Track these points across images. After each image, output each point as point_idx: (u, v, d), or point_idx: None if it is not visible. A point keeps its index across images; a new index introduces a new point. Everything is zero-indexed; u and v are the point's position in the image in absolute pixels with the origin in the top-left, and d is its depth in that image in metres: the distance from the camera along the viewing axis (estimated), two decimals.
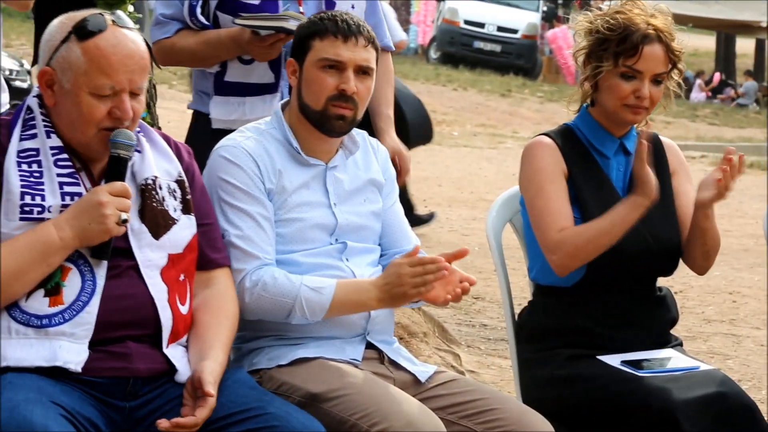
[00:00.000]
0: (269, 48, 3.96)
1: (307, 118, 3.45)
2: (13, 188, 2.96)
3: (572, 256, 3.60)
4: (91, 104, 3.01)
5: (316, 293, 3.31)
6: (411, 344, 5.77)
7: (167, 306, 3.09)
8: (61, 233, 2.96)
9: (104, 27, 3.02)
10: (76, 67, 3.00)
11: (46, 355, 2.94)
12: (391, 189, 3.64)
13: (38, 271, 2.96)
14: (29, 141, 3.03)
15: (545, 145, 3.71)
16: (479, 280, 8.52)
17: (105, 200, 2.98)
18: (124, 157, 3.05)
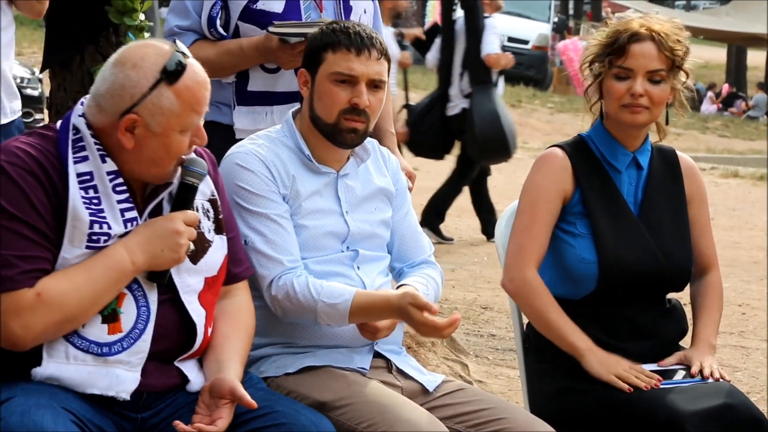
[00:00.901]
0: (297, 55, 3.96)
1: (318, 130, 3.45)
2: (81, 216, 2.92)
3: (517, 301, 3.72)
4: (180, 141, 3.00)
5: (332, 309, 3.32)
6: (419, 353, 5.77)
7: (203, 331, 3.09)
8: (133, 257, 2.96)
9: (185, 66, 2.98)
10: (168, 111, 2.96)
11: (100, 383, 2.93)
12: (402, 199, 3.64)
13: (110, 297, 2.96)
14: (81, 164, 2.97)
15: (555, 159, 3.70)
16: (488, 289, 8.56)
17: (181, 229, 2.99)
18: (195, 185, 3.06)
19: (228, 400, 2.99)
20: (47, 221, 2.91)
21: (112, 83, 2.97)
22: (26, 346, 2.90)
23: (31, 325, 2.87)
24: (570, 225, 3.69)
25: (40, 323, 2.88)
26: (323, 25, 3.82)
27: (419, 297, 3.29)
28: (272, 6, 4.04)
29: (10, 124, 4.16)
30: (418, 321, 3.26)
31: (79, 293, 2.90)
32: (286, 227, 3.38)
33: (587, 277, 3.65)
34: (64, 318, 2.90)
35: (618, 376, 3.52)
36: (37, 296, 2.87)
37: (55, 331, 2.91)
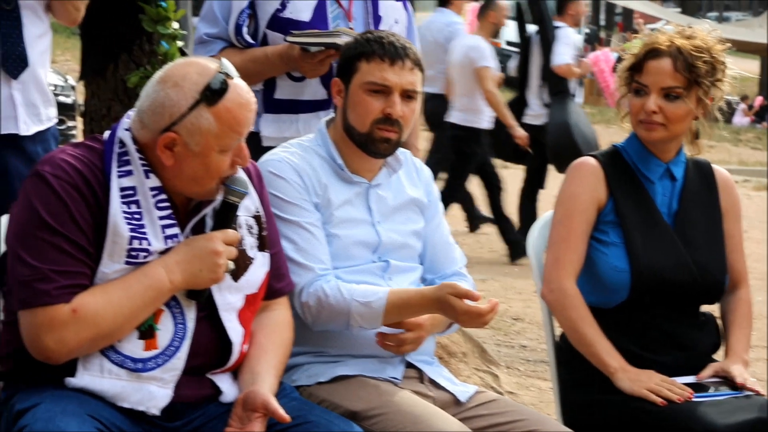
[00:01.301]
0: (319, 64, 3.97)
1: (351, 139, 3.45)
2: (121, 231, 2.92)
3: (554, 311, 3.69)
4: (220, 160, 2.99)
5: (366, 308, 3.31)
6: (450, 364, 5.76)
7: (239, 349, 3.09)
8: (171, 276, 2.96)
9: (227, 87, 2.98)
10: (206, 132, 2.96)
11: (132, 398, 2.94)
12: (435, 210, 3.64)
13: (147, 314, 2.96)
14: (125, 178, 2.98)
15: (589, 168, 3.70)
16: (519, 300, 8.55)
17: (221, 249, 2.99)
18: (236, 204, 3.06)
19: (260, 413, 2.98)
20: (87, 236, 2.91)
21: (153, 100, 2.98)
22: (59, 360, 2.91)
23: (66, 340, 2.87)
24: (603, 234, 3.68)
25: (75, 339, 2.88)
26: (343, 34, 3.84)
27: (458, 285, 3.28)
28: (300, 15, 4.05)
29: (46, 131, 4.19)
30: (460, 309, 3.24)
31: (114, 310, 2.90)
32: (317, 235, 3.38)
33: (620, 285, 3.64)
34: (98, 334, 2.90)
35: (650, 390, 3.50)
36: (73, 312, 2.87)
37: (89, 346, 2.91)
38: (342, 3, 4.12)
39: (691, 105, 3.64)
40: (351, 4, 4.13)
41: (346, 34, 3.86)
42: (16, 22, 3.99)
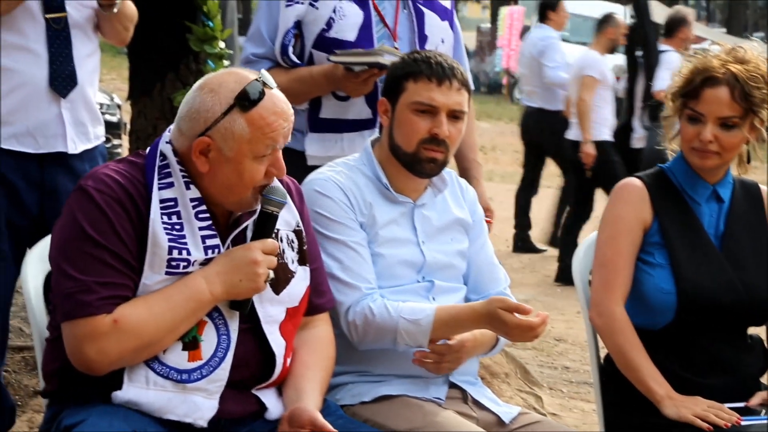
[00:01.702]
0: (362, 83, 3.98)
1: (397, 159, 3.46)
2: (160, 242, 2.94)
3: (602, 336, 3.66)
4: (253, 169, 3.01)
5: (414, 325, 3.31)
6: (493, 385, 5.75)
7: (282, 362, 3.10)
8: (211, 287, 2.97)
9: (263, 94, 3.01)
10: (239, 137, 2.98)
11: (179, 410, 2.95)
12: (479, 230, 3.64)
13: (189, 325, 2.98)
14: (167, 190, 3.01)
15: (633, 190, 3.68)
16: (562, 321, 8.51)
17: (260, 259, 3.00)
18: (275, 213, 3.08)
19: (308, 429, 2.98)
20: (130, 249, 2.93)
21: (191, 107, 3.01)
22: (102, 371, 2.92)
23: (107, 350, 2.89)
24: (648, 255, 3.66)
25: (116, 350, 2.90)
26: (386, 52, 3.85)
27: (508, 300, 3.28)
28: (345, 35, 4.07)
29: (94, 149, 4.23)
30: (510, 323, 3.24)
31: (156, 321, 2.92)
32: (363, 254, 3.39)
33: (666, 307, 3.62)
34: (140, 345, 2.92)
35: (697, 416, 3.47)
36: (114, 323, 2.89)
37: (131, 357, 2.93)
38: (387, 23, 4.13)
39: (746, 132, 3.62)
40: (396, 24, 4.15)
41: (389, 53, 3.88)
42: (65, 42, 4.03)
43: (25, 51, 3.97)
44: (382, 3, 4.14)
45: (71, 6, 4.03)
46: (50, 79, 3.99)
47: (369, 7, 4.10)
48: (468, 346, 3.39)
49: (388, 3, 4.15)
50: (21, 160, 3.96)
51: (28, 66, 3.97)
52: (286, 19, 4.08)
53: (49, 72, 3.99)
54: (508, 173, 19.29)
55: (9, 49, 3.96)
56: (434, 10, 4.21)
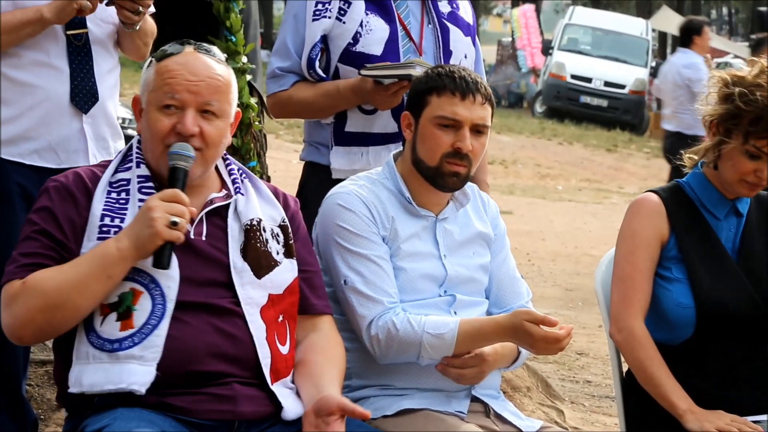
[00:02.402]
0: (392, 96, 4.00)
1: (420, 173, 3.47)
2: (94, 210, 3.08)
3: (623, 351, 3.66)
4: (157, 119, 3.11)
5: (438, 339, 3.32)
6: (514, 398, 5.74)
7: (265, 344, 3.12)
8: (118, 244, 3.02)
9: (180, 50, 3.15)
10: (147, 85, 3.16)
11: (114, 378, 2.98)
12: (501, 244, 3.64)
13: (100, 284, 3.01)
14: (124, 173, 3.16)
15: (650, 204, 3.68)
16: (583, 335, 8.48)
17: (154, 205, 3.03)
18: (180, 167, 3.10)
19: (338, 415, 3.00)
20: (62, 227, 3.05)
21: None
22: (21, 336, 3.02)
23: (17, 313, 2.99)
24: (666, 270, 3.65)
25: (24, 310, 2.98)
26: (417, 64, 3.86)
27: (534, 312, 3.29)
28: (371, 49, 4.09)
29: None
30: (537, 335, 3.24)
31: (60, 279, 2.99)
32: (385, 268, 3.40)
33: (685, 321, 3.61)
34: (46, 304, 2.98)
35: (720, 430, 3.46)
36: (23, 284, 2.99)
37: (42, 318, 2.99)
38: (413, 37, 4.15)
39: None
40: (422, 38, 4.16)
41: (421, 65, 3.89)
42: (86, 58, 4.06)
43: (47, 67, 4.00)
44: (408, 18, 4.16)
45: (92, 22, 4.06)
46: (72, 94, 4.02)
47: (395, 21, 4.13)
48: (489, 360, 3.39)
49: (414, 18, 4.17)
50: (43, 175, 3.98)
51: (50, 82, 4.00)
52: (313, 33, 4.11)
53: (71, 88, 4.02)
54: (529, 187, 19.30)
55: (31, 65, 3.99)
56: (458, 26, 4.23)
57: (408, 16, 4.17)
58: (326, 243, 3.44)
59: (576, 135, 26.32)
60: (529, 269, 11.24)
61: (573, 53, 30.35)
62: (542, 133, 25.89)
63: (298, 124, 20.46)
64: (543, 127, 26.85)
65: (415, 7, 4.19)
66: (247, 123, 5.41)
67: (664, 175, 11.30)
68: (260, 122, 5.67)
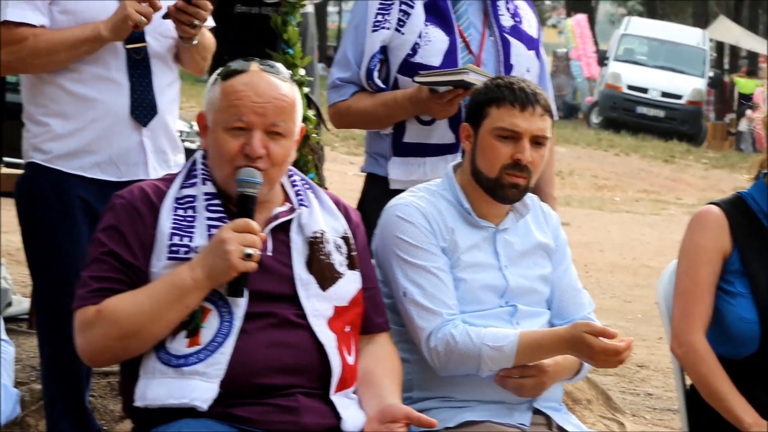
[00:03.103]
0: (448, 104, 4.01)
1: (479, 184, 3.46)
2: (163, 228, 3.07)
3: (684, 366, 3.62)
4: (225, 140, 3.11)
5: (498, 352, 3.30)
6: (575, 411, 5.70)
7: (336, 353, 3.12)
8: (193, 274, 3.03)
9: (246, 69, 3.13)
10: (214, 105, 3.14)
11: (176, 393, 3.00)
12: (562, 255, 3.62)
13: (175, 312, 3.03)
14: (189, 189, 3.15)
15: (712, 217, 3.63)
16: (643, 347, 8.43)
17: (227, 237, 3.03)
18: (249, 194, 3.10)
19: (402, 423, 3.02)
20: (131, 248, 3.06)
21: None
22: (94, 361, 3.07)
23: (93, 340, 3.01)
24: (728, 284, 3.61)
25: (101, 338, 3.00)
26: (471, 71, 3.86)
27: (594, 324, 3.27)
28: (430, 60, 4.09)
29: None
30: (597, 347, 3.22)
31: (135, 309, 3.00)
32: (444, 280, 3.39)
33: (749, 337, 3.57)
34: (122, 333, 3.00)
35: None
36: (97, 312, 3.01)
37: (119, 346, 3.02)
38: (472, 49, 4.15)
39: None
40: (482, 50, 4.16)
41: (475, 72, 3.89)
42: (146, 71, 4.08)
43: (107, 81, 4.03)
44: (468, 29, 4.16)
45: (151, 36, 4.08)
46: (131, 108, 4.04)
47: (455, 32, 4.13)
48: (549, 371, 3.37)
49: (474, 30, 4.17)
50: (103, 188, 4.01)
51: (110, 95, 4.03)
52: (372, 43, 4.13)
53: (131, 101, 4.05)
54: (586, 198, 19.23)
55: (92, 79, 4.02)
56: (521, 40, 4.22)
57: (468, 28, 4.17)
58: (385, 255, 3.43)
59: (633, 146, 26.19)
60: (587, 281, 11.18)
61: (629, 64, 30.23)
62: (598, 144, 25.78)
63: (353, 136, 20.52)
64: (599, 138, 26.74)
65: (476, 19, 4.19)
66: (304, 135, 5.43)
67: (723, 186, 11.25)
68: (318, 134, 5.69)
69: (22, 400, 4.41)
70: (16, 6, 3.97)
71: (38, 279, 4.17)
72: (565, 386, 3.54)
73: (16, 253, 8.01)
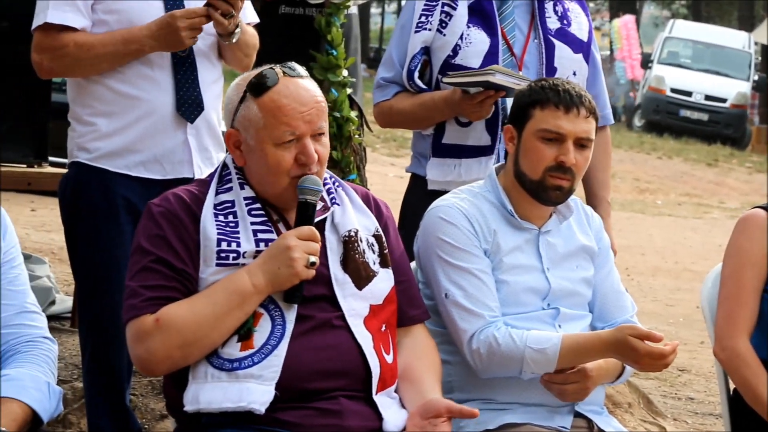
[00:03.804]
0: (479, 105, 4.01)
1: (522, 186, 3.45)
2: (209, 234, 3.05)
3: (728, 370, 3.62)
4: (277, 155, 3.09)
5: (541, 354, 3.29)
6: (616, 414, 5.67)
7: (374, 353, 3.12)
8: (254, 279, 3.03)
9: (276, 80, 3.10)
10: (255, 123, 3.08)
11: (233, 397, 3.00)
12: (605, 258, 3.60)
13: (235, 319, 3.03)
14: (225, 194, 3.13)
15: (758, 221, 3.62)
16: (685, 351, 8.39)
17: (293, 244, 3.04)
18: (311, 202, 3.11)
19: (445, 417, 3.03)
20: (179, 254, 3.05)
21: (224, 104, 3.16)
22: (156, 371, 3.04)
23: (153, 350, 2.99)
24: None
25: (161, 348, 2.99)
26: (497, 72, 3.85)
27: (638, 327, 3.26)
28: (470, 61, 4.09)
29: None
30: (642, 350, 3.21)
31: (196, 317, 3.00)
32: (486, 282, 3.38)
33: None
34: (183, 342, 2.99)
35: None
36: (156, 322, 2.99)
37: (180, 355, 3.01)
38: (515, 51, 4.14)
39: None
40: (524, 53, 4.15)
41: (501, 73, 3.89)
42: (191, 68, 4.09)
43: (150, 80, 4.04)
44: (513, 31, 4.15)
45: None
46: (177, 105, 4.05)
47: (497, 34, 4.12)
48: (592, 375, 3.35)
49: (519, 32, 4.17)
50: (148, 187, 4.03)
51: (155, 94, 4.04)
52: (414, 44, 4.15)
53: (176, 98, 4.05)
54: (628, 201, 19.12)
55: (136, 77, 4.04)
56: (567, 43, 4.21)
57: (513, 30, 4.16)
58: (427, 256, 3.43)
59: (675, 149, 26.04)
60: (629, 284, 11.13)
61: (673, 67, 30.04)
62: (641, 147, 25.64)
63: (394, 137, 20.52)
64: (642, 141, 26.60)
65: (522, 22, 4.18)
66: (347, 136, 5.44)
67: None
68: (360, 135, 5.70)
69: (65, 398, 4.42)
70: (57, 8, 3.98)
71: (81, 278, 4.20)
72: (606, 389, 3.53)
73: (59, 252, 8.08)
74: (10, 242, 3.22)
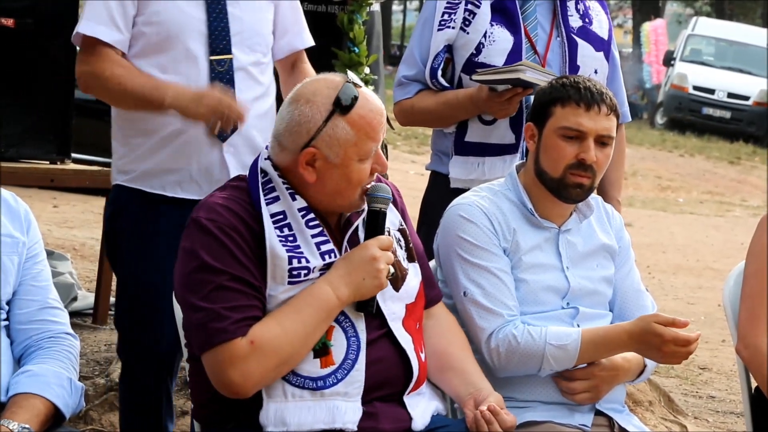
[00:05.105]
0: (506, 103, 4.00)
1: (543, 184, 3.45)
2: (279, 253, 2.99)
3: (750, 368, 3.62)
4: (360, 169, 3.05)
5: (561, 350, 3.29)
6: (636, 413, 5.66)
7: (415, 356, 3.12)
8: (338, 292, 3.00)
9: (356, 95, 3.04)
10: (345, 141, 3.02)
11: (324, 417, 2.97)
12: (626, 256, 3.59)
13: (320, 334, 3.01)
14: (274, 204, 3.05)
15: None
16: (706, 350, 8.37)
17: (378, 255, 3.03)
18: (383, 210, 3.10)
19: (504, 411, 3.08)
20: (251, 270, 2.98)
21: (289, 121, 3.06)
22: (247, 393, 2.96)
23: (249, 372, 2.93)
24: None
25: (258, 370, 2.93)
26: (527, 68, 3.84)
27: (661, 314, 3.25)
28: (493, 59, 4.09)
29: None
30: (667, 336, 3.21)
31: (289, 336, 2.96)
32: (505, 281, 3.38)
33: None
34: (279, 362, 2.95)
35: None
36: (251, 344, 2.93)
37: (274, 375, 2.97)
38: (538, 50, 4.14)
39: None
40: (547, 51, 4.15)
41: (531, 69, 3.88)
42: (228, 84, 3.91)
43: None
44: (536, 30, 4.15)
45: (238, 48, 3.94)
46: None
47: (520, 33, 4.12)
48: (601, 374, 3.35)
49: (542, 30, 4.16)
50: (185, 208, 3.77)
51: None
52: (437, 42, 4.14)
53: None
54: (649, 199, 19.07)
55: None
56: (589, 41, 4.20)
57: (536, 28, 4.16)
58: (447, 254, 3.43)
59: (698, 147, 25.95)
60: (650, 282, 11.10)
61: (695, 64, 29.93)
62: (663, 145, 25.57)
63: (415, 135, 20.50)
64: (664, 139, 26.51)
65: (544, 20, 4.18)
66: None
67: None
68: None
69: (86, 394, 4.44)
70: (90, 18, 3.87)
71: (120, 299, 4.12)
72: (627, 388, 3.52)
73: (81, 249, 8.11)
74: (34, 238, 3.22)
